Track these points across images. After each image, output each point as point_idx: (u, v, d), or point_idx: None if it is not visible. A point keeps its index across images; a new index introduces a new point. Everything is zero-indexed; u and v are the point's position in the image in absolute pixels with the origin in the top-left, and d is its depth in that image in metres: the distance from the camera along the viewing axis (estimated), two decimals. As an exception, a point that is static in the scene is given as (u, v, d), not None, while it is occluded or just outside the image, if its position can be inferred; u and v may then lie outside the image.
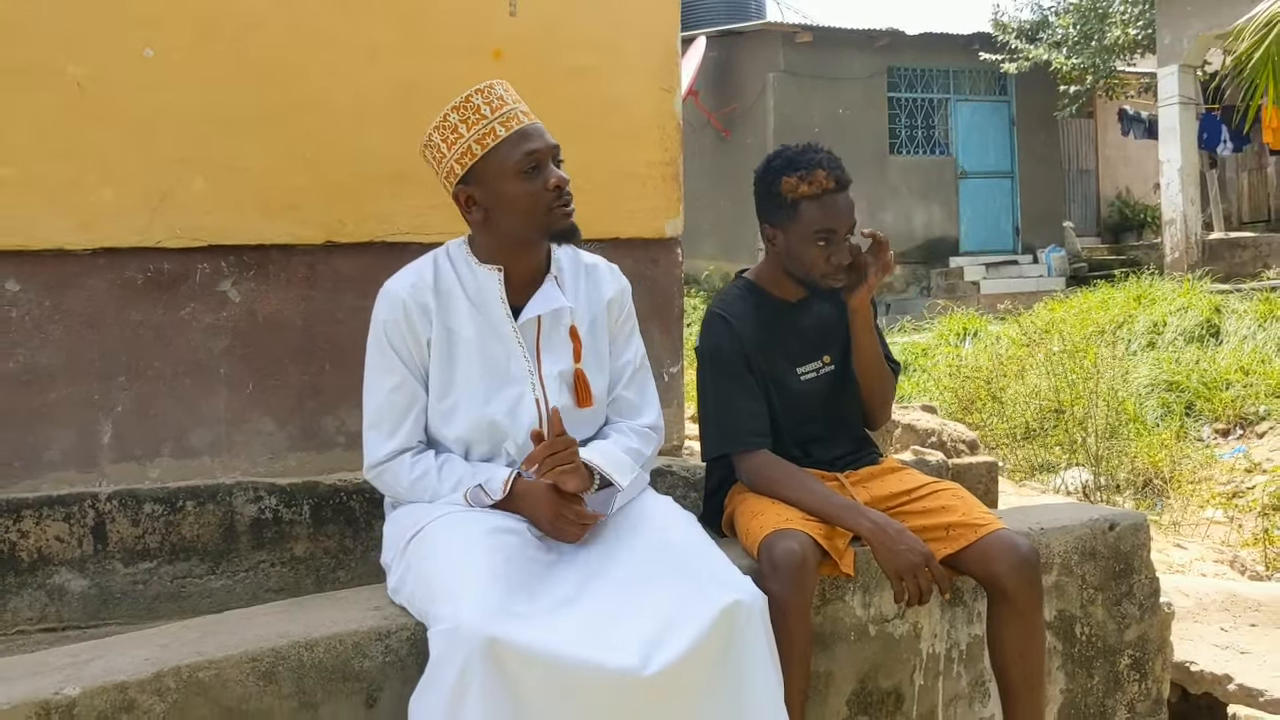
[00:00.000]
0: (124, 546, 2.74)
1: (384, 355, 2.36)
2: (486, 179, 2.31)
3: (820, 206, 2.61)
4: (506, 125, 2.31)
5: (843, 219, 2.63)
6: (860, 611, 2.55)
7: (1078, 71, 16.30)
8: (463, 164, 2.32)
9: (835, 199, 2.62)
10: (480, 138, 2.30)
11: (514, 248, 2.39)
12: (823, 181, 2.61)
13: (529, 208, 2.31)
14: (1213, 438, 8.70)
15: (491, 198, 2.32)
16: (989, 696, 2.65)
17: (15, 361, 2.79)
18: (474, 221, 2.38)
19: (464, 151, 2.31)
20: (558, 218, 2.33)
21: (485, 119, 2.30)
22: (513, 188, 2.30)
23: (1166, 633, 2.93)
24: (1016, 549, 2.44)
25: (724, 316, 2.71)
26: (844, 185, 2.64)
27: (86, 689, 1.84)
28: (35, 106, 2.77)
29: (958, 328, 11.92)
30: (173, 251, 2.89)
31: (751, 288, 2.80)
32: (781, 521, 2.39)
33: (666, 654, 1.97)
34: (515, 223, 2.34)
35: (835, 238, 2.62)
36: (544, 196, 2.31)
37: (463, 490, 2.28)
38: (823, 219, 2.61)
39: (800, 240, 2.64)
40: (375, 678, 2.08)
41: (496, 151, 2.30)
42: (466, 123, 2.31)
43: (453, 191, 2.37)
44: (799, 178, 2.62)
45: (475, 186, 2.33)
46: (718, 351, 2.70)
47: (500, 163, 2.30)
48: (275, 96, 2.94)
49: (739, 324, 2.70)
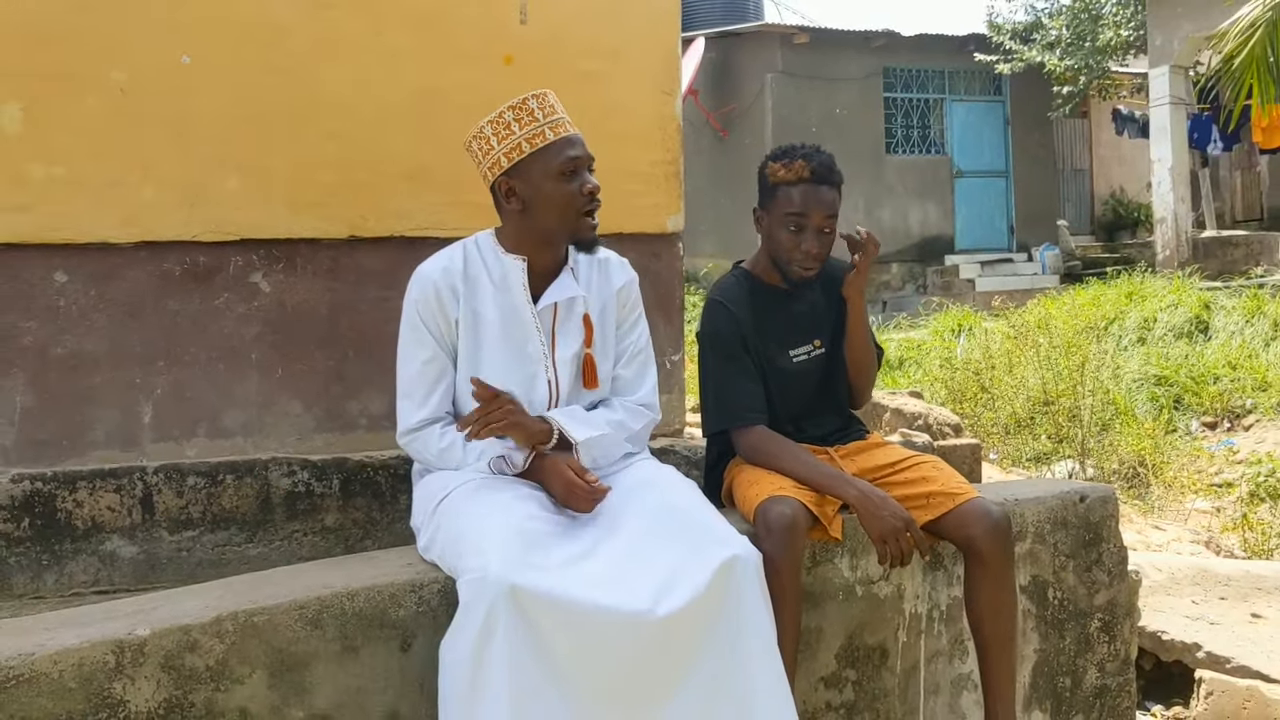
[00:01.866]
0: (169, 516, 2.94)
1: (416, 331, 2.58)
2: (530, 175, 2.54)
3: (795, 193, 2.81)
4: (555, 130, 2.54)
5: (814, 209, 2.80)
6: (848, 573, 2.76)
7: (1071, 72, 16.45)
8: (510, 158, 2.54)
9: (811, 189, 2.81)
10: (530, 137, 2.53)
11: (540, 241, 2.61)
12: (800, 170, 2.81)
13: (563, 207, 2.55)
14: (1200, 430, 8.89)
15: (531, 193, 2.55)
16: (968, 654, 2.86)
17: (63, 347, 2.97)
18: (510, 212, 2.60)
19: (513, 147, 2.53)
20: (585, 226, 2.58)
21: (537, 121, 2.53)
22: (552, 187, 2.54)
23: (1134, 599, 3.13)
24: (990, 514, 2.65)
25: (722, 303, 2.92)
26: (824, 179, 2.81)
27: (155, 630, 2.05)
28: (81, 110, 2.95)
29: (952, 324, 12.12)
30: (208, 245, 3.08)
31: (747, 276, 3.01)
32: (775, 489, 2.60)
33: (673, 601, 2.19)
34: (548, 219, 2.57)
35: (806, 224, 2.81)
36: (578, 200, 2.55)
37: (486, 459, 2.50)
38: (794, 204, 2.82)
39: (775, 223, 2.86)
40: (409, 625, 2.29)
41: (544, 152, 2.53)
42: (520, 121, 2.53)
43: (494, 181, 2.58)
44: (782, 165, 2.84)
45: (518, 180, 2.55)
46: (716, 335, 2.90)
47: (545, 163, 2.53)
48: (302, 100, 3.12)
49: (736, 309, 2.90)
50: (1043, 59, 16.34)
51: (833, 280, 3.00)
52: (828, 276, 2.99)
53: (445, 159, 3.15)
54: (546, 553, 2.23)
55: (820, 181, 2.82)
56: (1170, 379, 9.38)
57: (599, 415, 2.66)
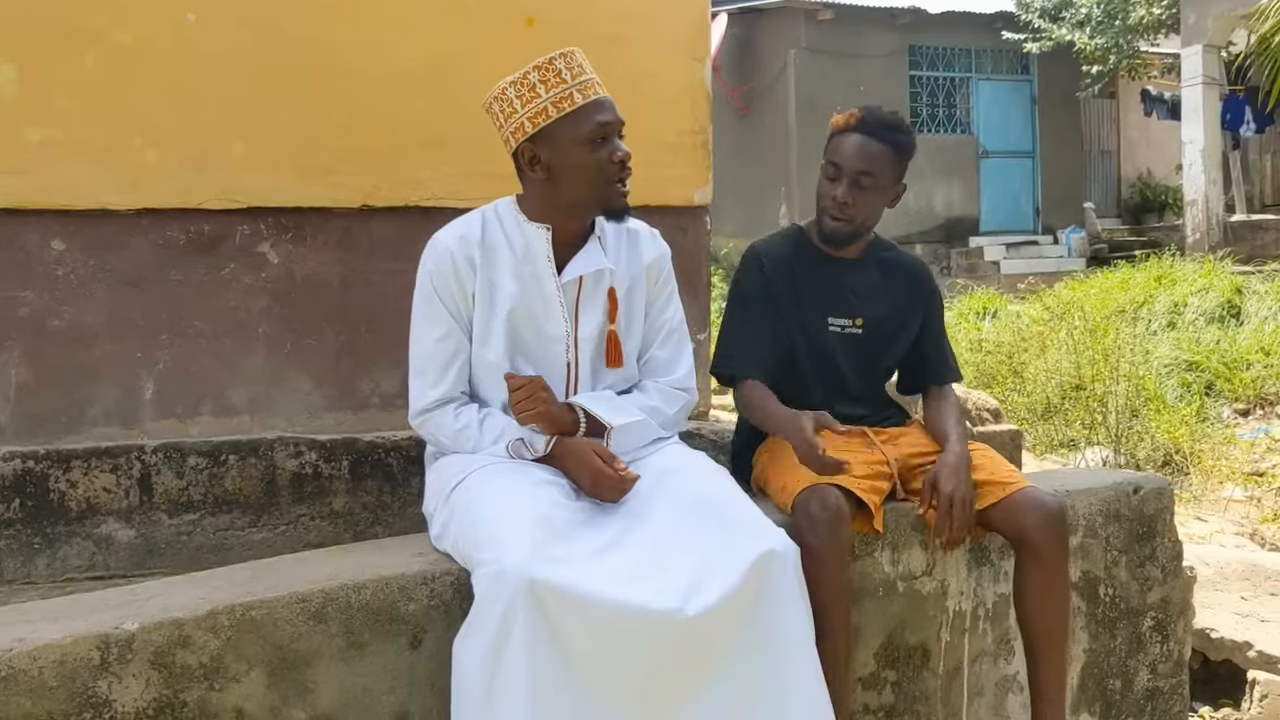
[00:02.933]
0: (169, 498, 2.80)
1: (430, 304, 2.40)
2: (557, 142, 2.35)
3: (840, 139, 2.72)
4: (583, 93, 2.36)
5: (851, 156, 2.68)
6: (889, 568, 2.60)
7: (1101, 51, 16.20)
8: (535, 123, 2.35)
9: (856, 137, 2.69)
10: (557, 100, 2.34)
11: (566, 210, 2.43)
12: (851, 118, 2.72)
13: (593, 176, 2.37)
14: (1232, 417, 8.70)
15: (558, 160, 2.37)
16: (1014, 654, 2.69)
17: (61, 319, 2.85)
18: (533, 180, 2.41)
19: (539, 111, 2.34)
20: (615, 194, 2.40)
21: (565, 84, 2.34)
22: (580, 155, 2.36)
23: (1189, 596, 2.97)
24: (1044, 504, 2.48)
25: (758, 254, 2.82)
26: (872, 131, 2.69)
27: (144, 624, 1.90)
28: (81, 69, 2.82)
29: (978, 306, 11.92)
30: (213, 213, 2.94)
31: (799, 233, 2.90)
32: (818, 476, 2.43)
33: (704, 598, 2.02)
34: (576, 188, 2.39)
35: (841, 171, 2.69)
36: (608, 168, 2.37)
37: (505, 442, 2.33)
38: (836, 150, 2.72)
39: (821, 172, 2.76)
40: (420, 620, 2.13)
41: (572, 117, 2.34)
42: (546, 84, 2.34)
43: (517, 147, 2.40)
44: (843, 114, 2.74)
45: (543, 147, 2.36)
46: (738, 283, 2.83)
47: (573, 129, 2.34)
48: (312, 63, 2.98)
49: (770, 263, 2.79)
50: (1072, 37, 16.10)
51: (897, 266, 2.90)
52: (891, 261, 2.89)
53: (462, 126, 3.02)
54: (569, 544, 2.07)
55: (868, 133, 2.70)
56: (1202, 365, 9.18)
57: (632, 400, 2.49)
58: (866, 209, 2.74)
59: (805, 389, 2.75)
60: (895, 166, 2.75)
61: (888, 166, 2.72)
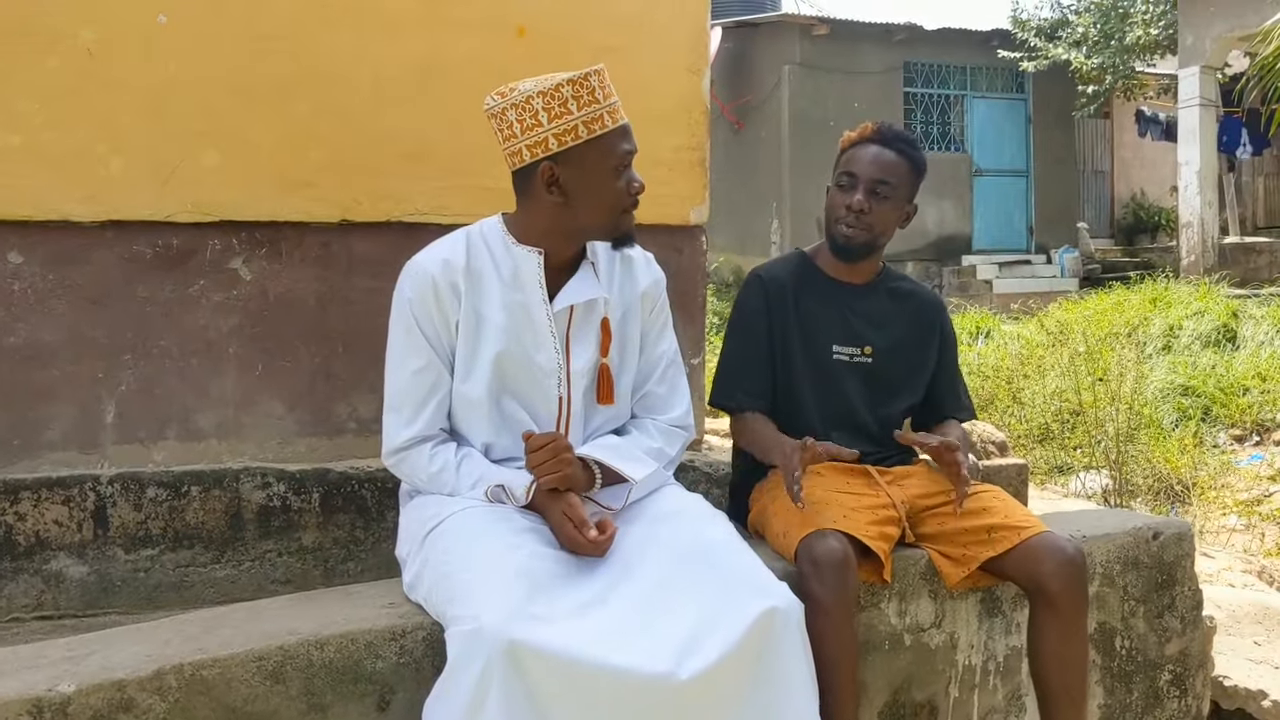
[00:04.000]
0: (125, 532, 2.63)
1: (409, 334, 2.23)
2: (584, 165, 2.19)
3: (852, 152, 2.65)
4: (614, 117, 2.20)
5: (867, 164, 2.60)
6: (895, 620, 2.44)
7: (1097, 71, 16.14)
8: (562, 141, 2.17)
9: (871, 147, 2.63)
10: (589, 120, 2.17)
11: (569, 237, 2.27)
12: (865, 130, 2.66)
13: (612, 205, 2.23)
14: (1229, 444, 8.58)
15: (579, 185, 2.20)
16: (1025, 711, 2.54)
17: (16, 336, 2.69)
18: (543, 201, 2.23)
19: (568, 129, 2.16)
20: (627, 222, 2.27)
21: (598, 104, 2.18)
22: (605, 182, 2.20)
23: (1208, 648, 2.82)
24: (1062, 551, 2.33)
25: (760, 276, 2.73)
26: (888, 142, 2.62)
27: (82, 686, 1.72)
28: (43, 71, 2.67)
29: (971, 326, 11.79)
30: (183, 226, 2.79)
31: (802, 258, 2.80)
32: (823, 521, 2.28)
33: (699, 661, 1.86)
34: (590, 215, 2.23)
35: (857, 180, 2.61)
36: (624, 199, 2.23)
37: (483, 488, 2.16)
38: (850, 161, 2.64)
39: (832, 186, 2.67)
40: (388, 679, 1.96)
41: (602, 141, 2.18)
42: (579, 100, 2.16)
43: (533, 163, 2.20)
44: (856, 130, 2.68)
45: (567, 168, 2.19)
46: (739, 308, 2.74)
47: (603, 154, 2.19)
48: (291, 69, 2.84)
49: (772, 286, 2.69)
50: (1068, 56, 16.03)
51: (909, 296, 2.78)
52: (903, 290, 2.77)
53: (449, 137, 2.91)
54: (551, 600, 1.89)
55: (885, 144, 2.62)
56: (1198, 389, 9.06)
57: (635, 444, 2.31)
58: (882, 220, 2.63)
59: (807, 421, 2.60)
60: (910, 181, 2.66)
61: (904, 178, 2.63)
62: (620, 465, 2.18)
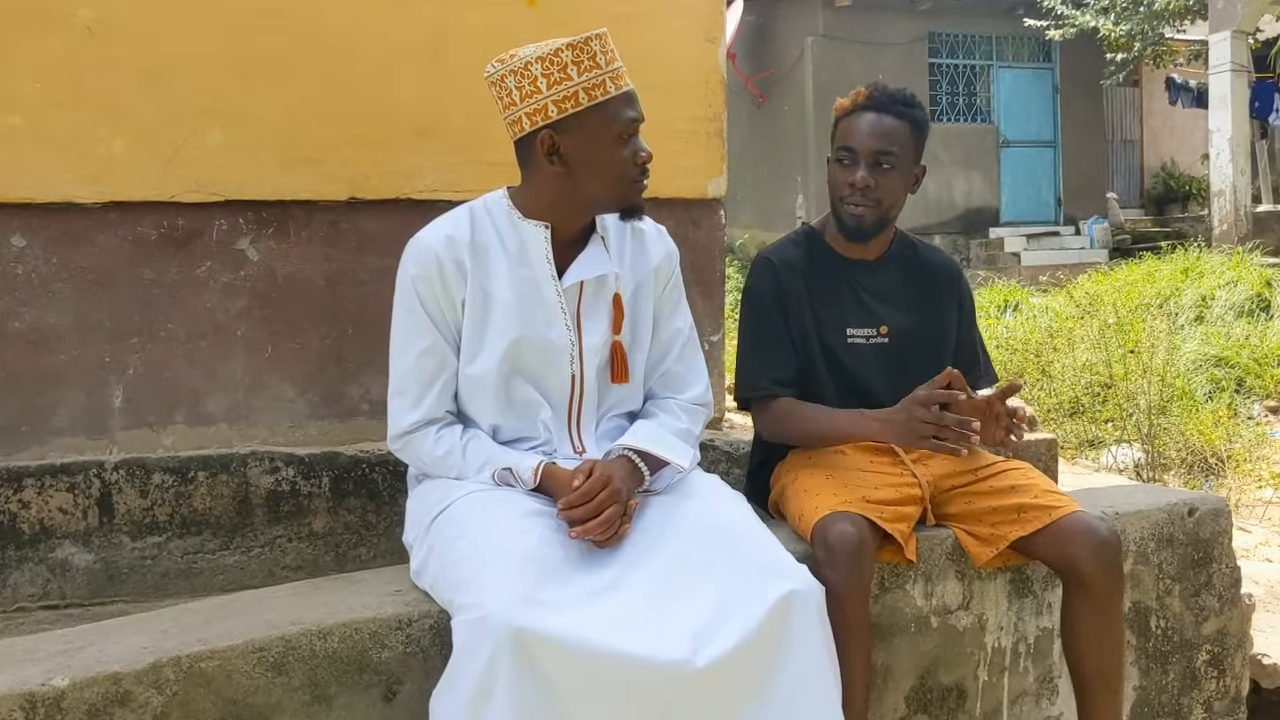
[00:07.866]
0: (131, 519, 2.60)
1: (413, 315, 2.16)
2: (585, 133, 2.10)
3: (849, 121, 2.51)
4: (616, 83, 2.11)
5: (865, 136, 2.46)
6: (921, 602, 2.36)
7: (1125, 38, 15.87)
8: (561, 108, 2.08)
9: (866, 116, 2.48)
10: (590, 87, 2.08)
11: (576, 208, 2.19)
12: (857, 97, 2.51)
13: (617, 176, 2.14)
14: (1264, 415, 8.44)
15: (581, 154, 2.11)
16: (1057, 694, 2.46)
17: (21, 321, 2.66)
18: (545, 172, 2.15)
19: (567, 96, 2.07)
20: (635, 193, 2.18)
21: (600, 69, 2.09)
22: (607, 150, 2.11)
23: (1247, 626, 2.73)
24: (1095, 531, 2.24)
25: (769, 259, 2.59)
26: (883, 107, 2.48)
27: (76, 680, 1.67)
28: (43, 51, 2.63)
29: (999, 299, 11.64)
30: (188, 206, 2.75)
31: (810, 235, 2.66)
32: (838, 503, 2.20)
33: (717, 647, 1.79)
34: (594, 185, 2.14)
35: (857, 154, 2.47)
36: (630, 170, 2.14)
37: (490, 470, 2.09)
38: (847, 133, 2.50)
39: (832, 160, 2.54)
40: (395, 669, 1.91)
41: (604, 108, 2.09)
42: (579, 65, 2.08)
43: (532, 132, 2.12)
44: (848, 97, 2.53)
45: (567, 137, 2.10)
46: (750, 293, 2.60)
47: (605, 121, 2.10)
48: (296, 43, 2.79)
49: (782, 269, 2.56)
50: (1096, 24, 15.76)
51: (922, 266, 2.64)
52: (916, 261, 2.64)
53: (459, 111, 2.84)
54: (561, 586, 1.83)
55: (880, 109, 2.47)
56: (1231, 360, 8.91)
57: (667, 428, 2.23)
58: (889, 193, 2.50)
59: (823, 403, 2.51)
60: (914, 144, 2.52)
61: (907, 144, 2.49)
62: (670, 456, 2.13)
